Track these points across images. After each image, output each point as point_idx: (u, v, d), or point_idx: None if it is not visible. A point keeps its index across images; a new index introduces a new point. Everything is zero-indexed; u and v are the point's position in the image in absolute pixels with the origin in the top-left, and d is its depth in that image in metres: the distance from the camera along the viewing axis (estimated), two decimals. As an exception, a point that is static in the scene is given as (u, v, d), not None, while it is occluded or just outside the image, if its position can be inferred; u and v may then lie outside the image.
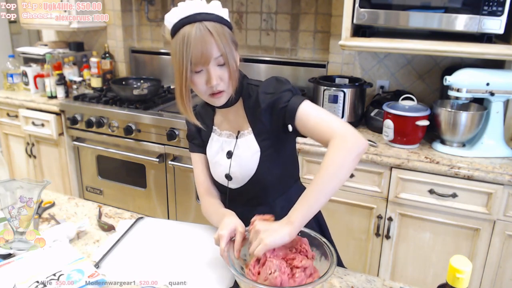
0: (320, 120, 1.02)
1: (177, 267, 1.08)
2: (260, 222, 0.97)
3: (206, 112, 1.22)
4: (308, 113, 1.03)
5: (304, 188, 1.29)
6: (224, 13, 1.04)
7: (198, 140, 1.25)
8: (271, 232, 0.92)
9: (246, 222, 1.03)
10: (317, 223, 1.27)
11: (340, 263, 1.27)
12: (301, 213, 0.94)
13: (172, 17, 1.02)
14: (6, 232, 1.08)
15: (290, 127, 1.06)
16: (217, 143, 1.19)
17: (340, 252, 1.28)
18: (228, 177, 1.17)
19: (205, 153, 1.24)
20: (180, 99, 1.05)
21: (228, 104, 1.11)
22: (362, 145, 0.97)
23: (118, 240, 1.20)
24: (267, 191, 1.18)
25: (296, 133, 1.07)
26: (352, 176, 1.91)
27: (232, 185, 1.18)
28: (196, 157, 1.26)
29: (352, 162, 0.96)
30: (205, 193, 1.24)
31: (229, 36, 1.03)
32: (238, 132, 1.15)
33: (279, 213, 1.17)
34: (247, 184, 1.16)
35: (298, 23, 2.53)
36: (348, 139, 0.97)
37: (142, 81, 2.81)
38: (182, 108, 1.08)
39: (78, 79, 2.78)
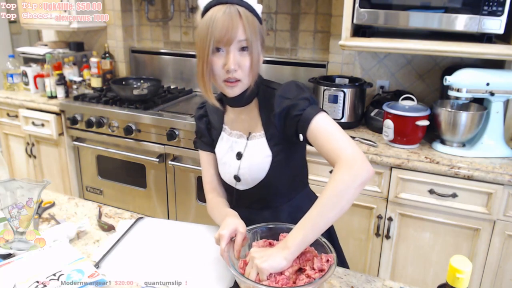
0: (331, 138, 0.98)
1: (177, 267, 1.08)
2: (255, 249, 0.94)
3: (216, 109, 1.19)
4: (320, 127, 1.00)
5: (313, 194, 1.28)
6: (258, 8, 1.04)
7: (207, 138, 1.23)
8: (266, 258, 0.89)
9: (251, 224, 1.03)
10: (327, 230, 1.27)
11: (345, 265, 1.27)
12: (298, 238, 0.91)
13: None
14: (6, 232, 1.08)
15: (301, 137, 1.03)
16: (227, 143, 1.17)
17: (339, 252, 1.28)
18: (237, 178, 1.16)
19: (213, 151, 1.23)
20: (201, 77, 1.03)
21: (242, 101, 1.10)
22: (367, 172, 0.93)
23: (118, 240, 1.20)
24: (275, 196, 1.17)
25: (307, 143, 1.05)
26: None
27: (240, 186, 1.17)
28: (203, 155, 1.25)
29: (355, 190, 0.92)
30: (211, 191, 1.23)
31: (258, 28, 1.02)
32: (249, 133, 1.13)
33: (285, 219, 1.16)
34: (255, 187, 1.15)
35: (298, 23, 2.53)
36: (354, 164, 0.93)
37: (142, 81, 2.81)
38: (201, 84, 1.05)
39: (78, 79, 2.78)
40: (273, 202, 1.18)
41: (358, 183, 0.92)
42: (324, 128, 1.00)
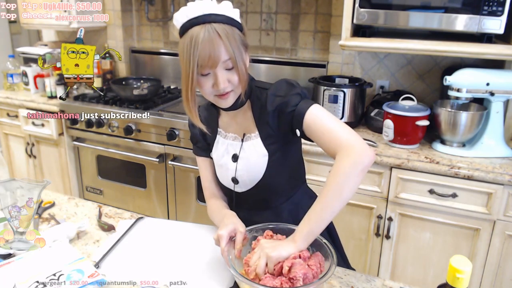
0: (327, 128, 0.99)
1: (177, 267, 1.08)
2: (265, 240, 0.97)
3: (210, 114, 1.19)
4: (315, 119, 1.00)
5: (311, 191, 1.28)
6: (235, 14, 1.01)
7: (202, 143, 1.22)
8: (275, 247, 0.92)
9: (251, 225, 1.03)
10: (327, 229, 1.27)
11: (346, 263, 1.26)
12: (304, 232, 0.94)
13: (181, 17, 0.99)
14: (6, 232, 1.08)
15: (298, 132, 1.04)
16: (222, 146, 1.17)
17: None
18: (235, 180, 1.15)
19: (209, 156, 1.22)
20: (186, 100, 1.03)
21: (237, 106, 1.09)
22: (367, 157, 0.94)
23: (118, 240, 1.20)
24: (274, 195, 1.17)
25: (305, 137, 1.05)
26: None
27: (238, 188, 1.17)
28: (200, 160, 1.25)
29: (357, 178, 0.93)
30: (210, 196, 1.23)
31: (239, 39, 1.00)
32: (244, 135, 1.13)
33: (286, 218, 1.16)
34: (253, 188, 1.14)
35: (298, 23, 2.53)
36: (352, 151, 0.94)
37: (142, 81, 2.80)
38: (187, 109, 1.05)
39: (78, 79, 2.77)
40: (272, 202, 1.17)
41: (359, 170, 0.93)
42: (319, 119, 1.01)
